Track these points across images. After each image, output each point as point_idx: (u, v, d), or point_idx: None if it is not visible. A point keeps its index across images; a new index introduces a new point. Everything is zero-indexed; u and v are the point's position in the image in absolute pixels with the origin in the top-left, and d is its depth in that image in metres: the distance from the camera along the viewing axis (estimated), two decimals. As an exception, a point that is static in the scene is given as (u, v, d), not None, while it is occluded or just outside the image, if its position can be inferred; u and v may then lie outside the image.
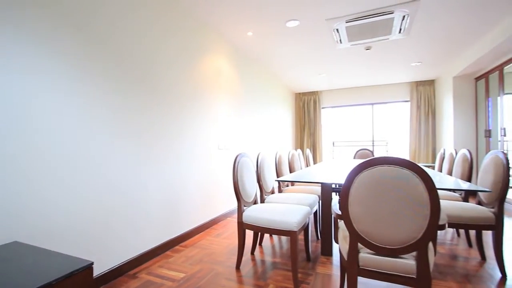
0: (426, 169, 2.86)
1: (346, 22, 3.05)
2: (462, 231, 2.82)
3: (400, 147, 6.38)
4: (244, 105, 4.08)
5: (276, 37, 3.52)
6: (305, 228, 2.15)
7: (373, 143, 6.59)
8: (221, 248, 2.44)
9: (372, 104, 6.54)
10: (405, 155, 6.26)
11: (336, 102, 6.85)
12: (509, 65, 3.72)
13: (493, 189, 1.97)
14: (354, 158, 5.32)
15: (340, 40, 3.55)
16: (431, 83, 5.94)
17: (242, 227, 1.98)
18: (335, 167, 3.23)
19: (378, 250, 1.21)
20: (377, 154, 6.24)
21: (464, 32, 3.42)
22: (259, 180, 2.50)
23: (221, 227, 3.10)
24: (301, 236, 2.68)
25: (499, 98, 4.06)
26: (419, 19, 3.04)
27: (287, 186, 3.28)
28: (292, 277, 1.79)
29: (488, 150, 4.42)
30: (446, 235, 2.79)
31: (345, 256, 1.29)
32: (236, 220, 3.40)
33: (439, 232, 2.88)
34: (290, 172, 3.46)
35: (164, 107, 2.44)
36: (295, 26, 3.17)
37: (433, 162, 5.89)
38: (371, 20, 2.98)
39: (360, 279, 1.85)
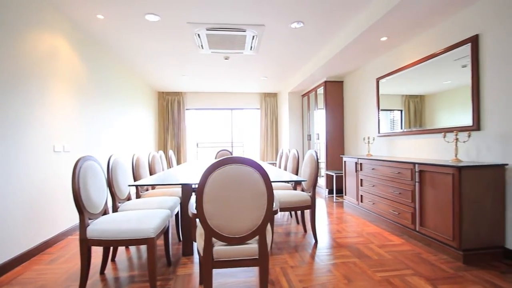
0: (269, 166, 3.48)
1: (207, 30, 3.23)
2: (293, 212, 3.63)
3: (253, 148, 7.40)
4: (94, 101, 3.45)
5: (135, 29, 3.21)
6: (166, 232, 2.09)
7: (232, 144, 7.29)
8: (57, 277, 1.96)
9: (231, 109, 7.23)
10: (257, 154, 7.34)
11: (200, 105, 7.07)
12: (320, 88, 5.16)
13: (309, 178, 2.67)
14: (216, 158, 5.67)
15: (202, 46, 3.71)
16: (274, 95, 7.28)
17: (86, 244, 1.67)
18: (197, 168, 3.33)
19: (230, 241, 1.36)
20: (235, 154, 6.94)
21: (296, 58, 4.43)
22: (110, 187, 2.19)
23: (58, 249, 2.48)
24: (161, 241, 2.58)
25: (315, 111, 5.55)
26: (265, 42, 3.66)
27: (147, 190, 3.06)
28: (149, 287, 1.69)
29: (309, 149, 5.93)
30: (284, 217, 3.50)
31: (202, 252, 1.37)
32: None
33: (279, 215, 3.58)
34: (151, 175, 3.25)
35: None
36: (155, 21, 3.01)
37: (276, 160, 7.25)
38: (229, 33, 3.30)
39: (215, 271, 2.00)
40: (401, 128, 3.40)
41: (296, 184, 3.27)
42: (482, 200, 2.11)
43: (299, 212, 3.41)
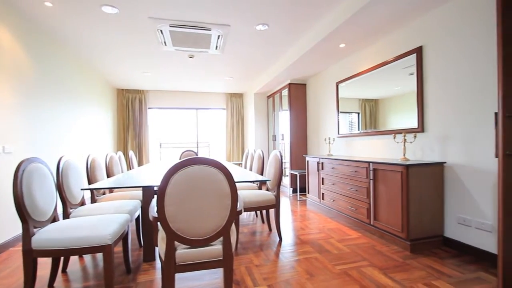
0: (234, 166, 3.48)
1: (170, 26, 3.12)
2: (258, 212, 3.68)
3: (219, 148, 7.33)
4: (43, 97, 3.12)
5: (90, 21, 2.98)
6: (125, 238, 1.98)
7: (197, 144, 7.13)
8: (-7, 294, 1.74)
9: (197, 109, 7.08)
10: (223, 154, 7.28)
11: (163, 104, 6.81)
12: (285, 90, 5.30)
13: (273, 178, 2.73)
14: (180, 159, 5.51)
15: (165, 42, 3.58)
16: (240, 96, 7.30)
17: (31, 255, 1.51)
18: (160, 169, 3.20)
19: (193, 243, 1.34)
20: (201, 155, 6.81)
21: (261, 60, 4.49)
22: (61, 191, 2.01)
23: (-6, 264, 2.20)
24: (120, 248, 2.43)
25: (280, 112, 5.68)
26: (231, 42, 3.65)
27: (104, 194, 2.86)
28: (106, 296, 1.59)
29: (274, 149, 6.06)
30: (249, 217, 3.53)
31: (163, 257, 1.33)
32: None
33: (244, 215, 3.60)
34: (108, 177, 3.05)
35: None
36: (113, 13, 2.83)
37: (242, 160, 7.27)
38: (193, 31, 3.23)
39: (179, 275, 1.95)
40: (358, 130, 3.65)
41: (261, 183, 3.32)
42: (426, 195, 2.36)
43: (264, 211, 3.46)
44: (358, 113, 3.66)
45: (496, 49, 1.59)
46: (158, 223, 1.50)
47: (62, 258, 2.08)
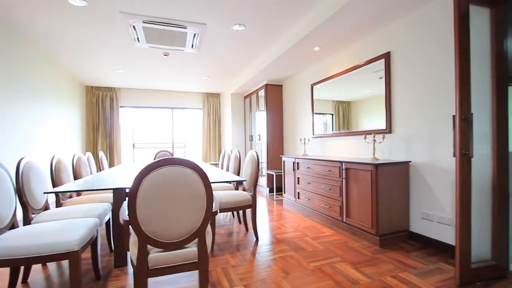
0: (210, 166, 3.45)
1: (144, 23, 3.02)
2: (235, 212, 3.67)
3: (196, 148, 7.21)
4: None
5: (56, 14, 2.79)
6: (93, 243, 1.88)
7: (173, 145, 6.96)
8: None
9: (172, 108, 6.91)
10: (199, 155, 7.17)
11: (137, 102, 6.56)
12: (261, 91, 5.34)
13: (250, 178, 2.74)
14: (155, 159, 5.34)
15: (138, 39, 3.45)
16: (217, 95, 7.23)
17: (-15, 266, 1.39)
18: (132, 170, 3.08)
19: (167, 246, 1.31)
20: (176, 155, 6.65)
21: (238, 60, 4.49)
22: (21, 195, 1.87)
23: None
24: (88, 254, 2.31)
25: (256, 113, 5.72)
26: (207, 41, 3.61)
27: (71, 197, 2.70)
28: (72, 306, 1.50)
29: (251, 150, 6.08)
30: (226, 218, 3.51)
31: (135, 262, 1.28)
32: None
33: (220, 215, 3.58)
34: (76, 179, 2.87)
35: None
36: (82, 6, 2.68)
37: (219, 160, 7.21)
38: (168, 28, 3.15)
39: (152, 280, 1.90)
40: (332, 130, 3.78)
41: (238, 184, 3.32)
42: (393, 192, 2.50)
43: (241, 212, 3.46)
44: (332, 115, 3.78)
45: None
46: (130, 226, 1.45)
47: (22, 268, 1.93)
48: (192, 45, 3.67)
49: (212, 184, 3.09)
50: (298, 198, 3.78)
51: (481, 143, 1.83)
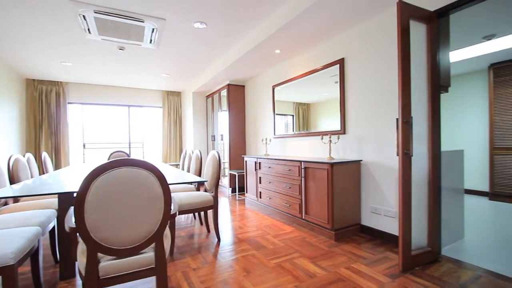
0: (170, 167, 3.33)
1: (96, 13, 2.80)
2: (197, 214, 3.59)
3: (155, 148, 6.88)
4: None
5: (-18, -7, 2.44)
6: (34, 254, 1.69)
7: (129, 145, 6.55)
8: None
9: (129, 106, 6.50)
10: (159, 155, 6.87)
11: (88, 99, 6.03)
12: (224, 90, 5.31)
13: (211, 178, 2.71)
14: (109, 160, 4.98)
15: (89, 30, 3.18)
16: (178, 94, 7.00)
17: None
18: (82, 173, 2.83)
19: (120, 253, 1.23)
20: (133, 156, 6.28)
21: (199, 58, 4.39)
22: None
23: None
24: (27, 268, 2.07)
25: (219, 113, 5.67)
26: (167, 37, 3.48)
27: (6, 204, 2.39)
28: (6, 327, 1.33)
29: (213, 150, 6.00)
30: (187, 219, 3.42)
31: (83, 272, 1.18)
32: None
33: (181, 218, 3.47)
34: (13, 184, 2.55)
35: None
36: (19, -10, 2.39)
37: (180, 161, 6.99)
38: (124, 21, 2.96)
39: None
40: (293, 131, 3.91)
41: (199, 185, 3.26)
42: (346, 189, 2.68)
43: (202, 213, 3.40)
44: (293, 116, 3.92)
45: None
46: (78, 234, 1.33)
47: None
48: (151, 40, 3.50)
49: (171, 186, 2.98)
50: (260, 197, 3.84)
51: (419, 143, 2.06)
